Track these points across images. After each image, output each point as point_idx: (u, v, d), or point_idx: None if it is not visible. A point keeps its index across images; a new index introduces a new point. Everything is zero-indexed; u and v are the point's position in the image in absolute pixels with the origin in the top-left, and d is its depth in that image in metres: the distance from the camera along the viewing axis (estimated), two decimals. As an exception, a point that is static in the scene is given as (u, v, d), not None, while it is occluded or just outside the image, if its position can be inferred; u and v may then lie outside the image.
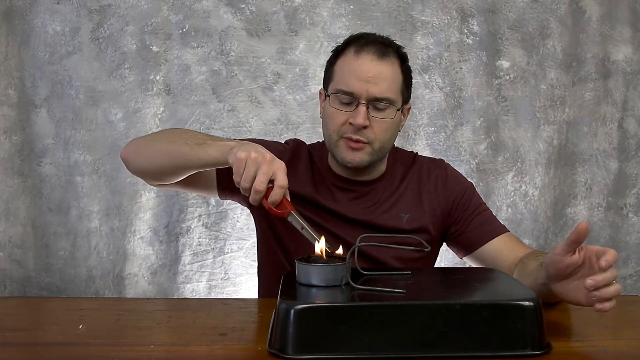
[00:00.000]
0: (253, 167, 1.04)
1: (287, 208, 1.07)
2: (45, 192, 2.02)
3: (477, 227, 1.34)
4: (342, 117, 1.27)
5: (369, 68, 1.25)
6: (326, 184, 1.36)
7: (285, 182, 1.05)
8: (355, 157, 1.27)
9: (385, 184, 1.37)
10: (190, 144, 1.16)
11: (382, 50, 1.27)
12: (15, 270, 2.04)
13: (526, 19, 2.07)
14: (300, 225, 1.07)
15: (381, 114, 1.26)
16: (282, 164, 1.06)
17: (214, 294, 2.06)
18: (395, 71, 1.28)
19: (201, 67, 2.03)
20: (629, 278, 2.15)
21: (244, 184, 1.04)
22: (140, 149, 1.27)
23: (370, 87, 1.24)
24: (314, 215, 1.32)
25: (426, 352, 0.85)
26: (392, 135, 1.31)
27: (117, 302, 1.58)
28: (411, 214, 1.34)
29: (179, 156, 1.18)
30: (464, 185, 1.40)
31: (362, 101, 1.24)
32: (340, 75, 1.28)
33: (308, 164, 1.39)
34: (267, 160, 1.05)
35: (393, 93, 1.27)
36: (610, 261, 0.90)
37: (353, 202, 1.34)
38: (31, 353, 0.94)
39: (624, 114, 2.12)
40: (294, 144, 1.43)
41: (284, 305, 0.87)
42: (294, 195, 1.34)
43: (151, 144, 1.27)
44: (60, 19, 2.00)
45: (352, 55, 1.27)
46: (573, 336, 1.01)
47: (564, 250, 0.95)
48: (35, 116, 2.01)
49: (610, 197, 2.13)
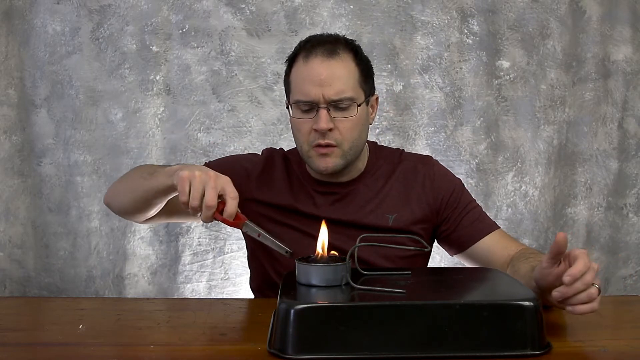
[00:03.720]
0: (200, 185, 1.04)
1: (241, 219, 1.07)
2: (45, 192, 2.02)
3: (467, 226, 1.33)
4: (306, 126, 1.25)
5: (320, 71, 1.23)
6: (305, 189, 1.35)
7: (236, 193, 1.06)
8: (329, 163, 1.26)
9: (367, 182, 1.35)
10: (144, 176, 1.20)
11: (330, 49, 1.25)
12: (15, 270, 2.04)
13: (526, 19, 2.07)
14: (256, 233, 1.08)
15: (344, 113, 1.24)
16: (228, 178, 1.07)
17: (214, 294, 2.06)
18: (348, 67, 1.25)
19: (201, 67, 2.03)
20: (629, 278, 2.15)
21: (193, 203, 1.04)
22: (114, 193, 1.33)
23: (325, 89, 1.22)
24: (295, 222, 1.32)
25: (426, 352, 0.86)
26: (360, 132, 1.28)
27: (117, 302, 1.58)
28: (397, 214, 1.32)
29: (138, 190, 1.22)
30: (453, 182, 1.38)
31: (321, 105, 1.23)
32: (296, 85, 1.27)
33: (284, 171, 1.38)
34: (211, 176, 1.05)
35: (351, 90, 1.24)
36: (574, 274, 0.90)
37: (335, 205, 1.33)
38: (31, 353, 0.94)
39: (624, 114, 2.12)
40: (267, 153, 1.42)
41: (284, 305, 0.87)
42: (272, 205, 1.34)
43: (120, 185, 1.32)
44: (60, 19, 2.00)
45: (302, 62, 1.26)
46: (573, 336, 1.01)
47: (549, 263, 0.96)
48: (35, 116, 2.01)
49: (610, 197, 2.13)
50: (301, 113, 1.26)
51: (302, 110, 1.26)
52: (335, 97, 1.23)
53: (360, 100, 1.26)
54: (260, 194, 1.35)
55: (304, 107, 1.25)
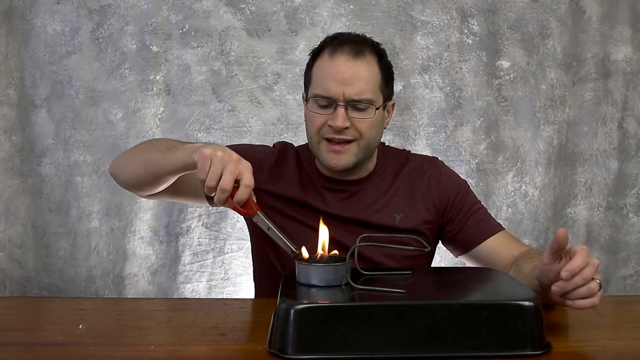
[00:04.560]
0: (219, 166, 1.03)
1: (253, 208, 1.06)
2: (45, 192, 2.02)
3: (472, 226, 1.34)
4: (321, 120, 1.26)
5: (344, 69, 1.23)
6: (315, 185, 1.35)
7: (251, 181, 1.04)
8: (340, 160, 1.26)
9: (375, 182, 1.36)
10: (162, 150, 1.18)
11: (356, 49, 1.25)
12: (15, 270, 2.04)
13: (526, 19, 2.07)
14: (266, 226, 1.06)
15: (361, 114, 1.25)
16: (249, 164, 1.06)
17: (214, 294, 2.06)
18: (372, 69, 1.26)
19: (201, 67, 2.03)
20: (629, 278, 2.15)
21: (210, 183, 1.03)
22: (122, 163, 1.30)
23: (346, 88, 1.22)
24: (304, 217, 1.32)
25: (426, 352, 0.86)
26: (377, 132, 1.29)
27: (117, 302, 1.58)
28: (404, 213, 1.33)
29: (153, 163, 1.20)
30: (458, 183, 1.39)
31: (340, 103, 1.23)
32: (317, 79, 1.27)
33: (296, 165, 1.38)
34: (233, 159, 1.04)
35: (371, 93, 1.25)
36: (572, 270, 0.90)
37: (343, 202, 1.33)
38: (31, 353, 0.94)
39: (624, 114, 2.12)
40: (280, 146, 1.42)
41: (284, 305, 0.87)
42: (282, 197, 1.34)
43: (130, 156, 1.30)
44: (60, 19, 2.00)
45: (327, 58, 1.26)
46: (573, 336, 1.01)
47: (550, 259, 0.96)
48: (35, 116, 2.01)
49: (610, 197, 2.13)
50: (318, 108, 1.26)
51: (319, 105, 1.26)
52: (356, 97, 1.23)
53: (378, 103, 1.27)
54: (271, 185, 1.35)
55: (322, 102, 1.25)
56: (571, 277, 0.90)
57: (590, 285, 0.91)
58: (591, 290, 0.91)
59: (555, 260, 0.96)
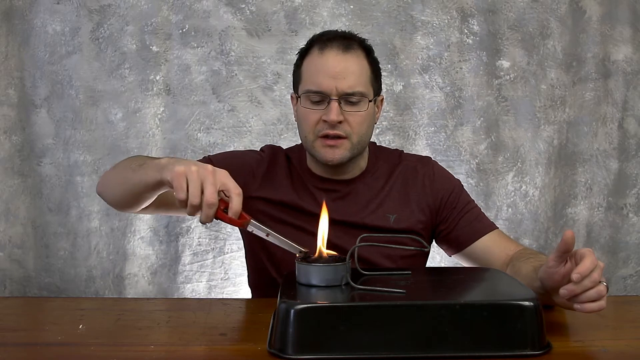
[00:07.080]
0: (198, 182, 0.97)
1: (246, 218, 1.01)
2: (45, 192, 2.02)
3: (466, 225, 1.34)
4: (315, 116, 1.26)
5: (334, 63, 1.24)
6: (307, 187, 1.35)
7: (239, 188, 1.00)
8: (335, 154, 1.26)
9: (368, 182, 1.36)
10: (133, 168, 1.13)
11: (345, 44, 1.26)
12: (15, 270, 2.04)
13: (526, 19, 2.07)
14: (265, 232, 1.03)
15: (354, 107, 1.25)
16: (226, 172, 1.01)
17: (214, 294, 2.06)
18: (362, 63, 1.27)
19: (201, 67, 2.03)
20: (629, 278, 2.15)
21: (193, 200, 0.97)
22: (105, 183, 1.27)
23: (338, 82, 1.23)
24: (297, 220, 1.31)
25: (426, 352, 0.86)
26: (368, 127, 1.29)
27: (117, 302, 1.58)
28: (398, 214, 1.33)
29: (126, 182, 1.16)
30: (452, 183, 1.39)
31: (333, 97, 1.23)
32: (308, 75, 1.27)
33: (286, 168, 1.37)
34: (209, 171, 0.99)
35: (363, 85, 1.26)
36: (583, 272, 0.90)
37: (336, 203, 1.32)
38: (31, 353, 0.94)
39: (624, 114, 2.12)
40: (270, 151, 1.41)
41: (284, 305, 0.87)
42: (275, 202, 1.33)
43: (110, 175, 1.26)
44: (60, 19, 2.00)
45: (317, 54, 1.27)
46: (573, 336, 1.01)
47: (556, 261, 0.96)
48: (35, 116, 2.01)
49: (611, 197, 2.12)
50: (311, 104, 1.26)
51: (312, 101, 1.26)
52: (349, 90, 1.24)
53: (370, 96, 1.28)
54: (263, 191, 1.35)
55: (314, 97, 1.26)
56: (582, 279, 0.90)
57: (599, 288, 0.91)
58: (600, 293, 0.91)
59: (561, 263, 0.95)
